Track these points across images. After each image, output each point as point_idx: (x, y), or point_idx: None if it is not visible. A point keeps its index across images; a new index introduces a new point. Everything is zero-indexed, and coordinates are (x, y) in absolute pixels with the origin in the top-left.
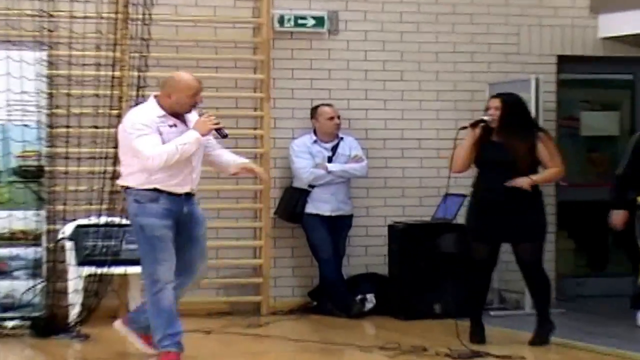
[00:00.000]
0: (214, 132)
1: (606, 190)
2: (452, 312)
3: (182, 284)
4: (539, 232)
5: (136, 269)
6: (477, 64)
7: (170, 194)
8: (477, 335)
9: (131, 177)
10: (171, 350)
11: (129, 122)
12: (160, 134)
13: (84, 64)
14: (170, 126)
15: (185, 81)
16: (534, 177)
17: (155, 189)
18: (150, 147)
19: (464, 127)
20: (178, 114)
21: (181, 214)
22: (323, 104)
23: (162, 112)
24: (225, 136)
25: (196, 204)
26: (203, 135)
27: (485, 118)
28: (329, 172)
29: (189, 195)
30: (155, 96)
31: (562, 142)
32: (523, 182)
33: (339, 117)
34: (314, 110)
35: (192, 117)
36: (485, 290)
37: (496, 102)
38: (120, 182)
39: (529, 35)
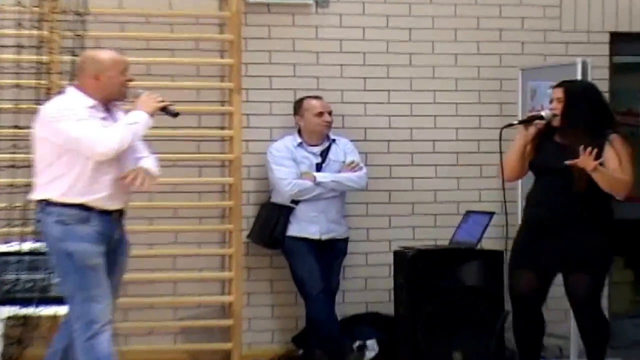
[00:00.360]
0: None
1: None
2: None
3: None
4: (601, 260)
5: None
6: (507, 43)
7: (101, 212)
8: None
9: (50, 187)
10: None
11: (53, 109)
12: None
13: (2, 46)
14: (103, 119)
15: (110, 56)
16: (601, 168)
17: (82, 206)
18: (94, 129)
19: (510, 125)
20: (107, 105)
21: (112, 239)
22: (309, 96)
23: (92, 101)
24: (175, 114)
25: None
26: (150, 115)
27: (543, 113)
28: (318, 184)
29: (120, 215)
30: (76, 85)
31: None
32: (587, 162)
33: (330, 113)
34: (298, 104)
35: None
36: (535, 338)
37: (559, 93)
38: (35, 195)
39: (574, 6)
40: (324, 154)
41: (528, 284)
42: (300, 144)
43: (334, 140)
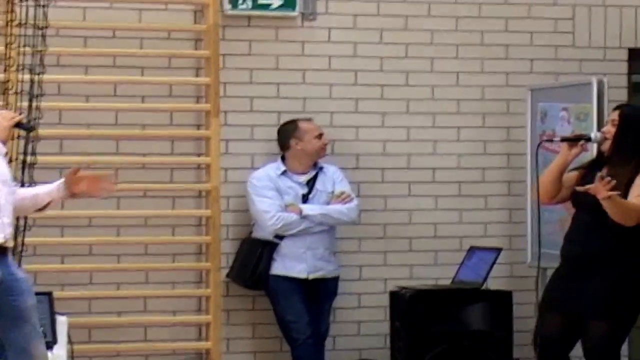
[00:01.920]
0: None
1: None
2: None
3: None
4: (625, 308)
5: None
6: (515, 61)
7: None
8: None
9: None
10: None
11: None
12: None
13: None
14: None
15: None
16: (617, 198)
17: None
18: None
19: (550, 140)
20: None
21: None
22: (301, 119)
23: None
24: (31, 129)
25: (14, 263)
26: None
27: (592, 135)
28: (304, 217)
29: (3, 252)
30: None
31: None
32: (599, 189)
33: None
34: (293, 127)
35: None
36: None
37: (614, 115)
38: None
39: (589, 19)
40: (311, 184)
41: (555, 327)
42: (284, 172)
43: (321, 169)
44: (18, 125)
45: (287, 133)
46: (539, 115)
